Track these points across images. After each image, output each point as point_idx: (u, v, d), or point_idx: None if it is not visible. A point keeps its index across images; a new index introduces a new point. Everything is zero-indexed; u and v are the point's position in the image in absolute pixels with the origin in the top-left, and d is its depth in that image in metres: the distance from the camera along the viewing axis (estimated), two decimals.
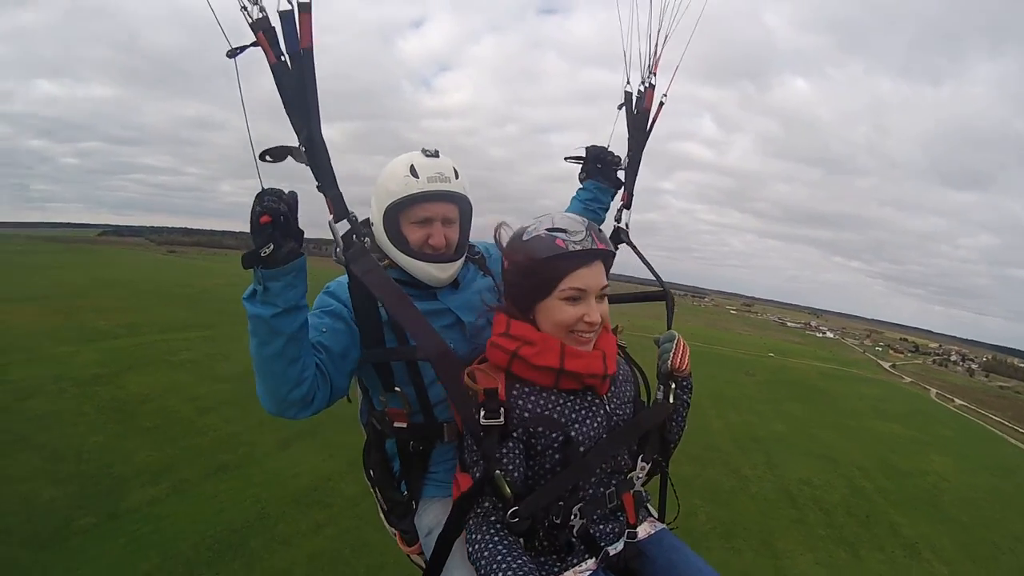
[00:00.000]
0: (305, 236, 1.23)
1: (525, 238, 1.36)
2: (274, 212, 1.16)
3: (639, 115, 1.97)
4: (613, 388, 1.45)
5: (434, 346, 1.27)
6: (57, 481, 5.99)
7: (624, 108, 1.99)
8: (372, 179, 1.50)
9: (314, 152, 1.20)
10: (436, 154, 1.55)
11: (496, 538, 1.28)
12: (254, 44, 1.13)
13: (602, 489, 1.40)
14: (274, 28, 1.13)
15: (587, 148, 2.08)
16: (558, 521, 1.34)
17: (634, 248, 1.94)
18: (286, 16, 1.13)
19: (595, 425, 1.38)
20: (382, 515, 1.71)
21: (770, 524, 6.73)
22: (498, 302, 1.55)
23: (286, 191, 1.20)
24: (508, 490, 1.27)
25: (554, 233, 1.33)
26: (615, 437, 1.39)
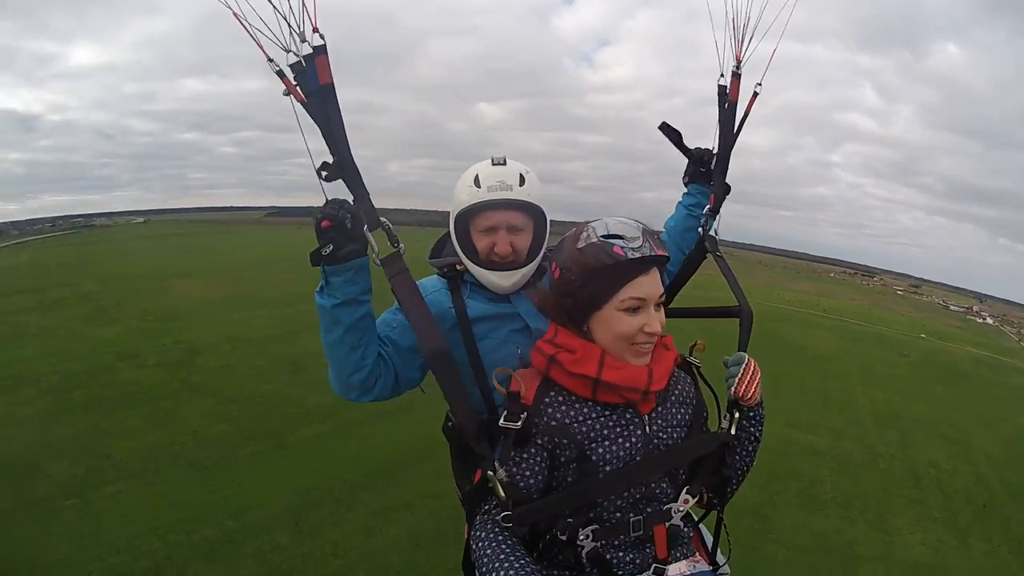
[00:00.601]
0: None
1: (579, 246, 1.28)
2: (333, 218, 1.28)
3: (728, 108, 1.81)
4: (660, 408, 1.35)
5: (430, 343, 1.30)
6: (228, 419, 6.69)
7: (718, 103, 1.83)
8: (540, 155, 1.94)
9: (346, 171, 1.32)
10: (503, 162, 1.59)
11: (500, 537, 1.24)
12: (287, 92, 1.28)
13: (631, 515, 1.30)
14: (302, 70, 1.28)
15: (691, 150, 1.96)
16: (563, 538, 1.28)
17: (718, 258, 1.79)
18: (308, 59, 1.27)
19: (627, 445, 1.29)
20: (460, 501, 1.71)
21: (889, 500, 6.66)
22: None
23: (350, 200, 1.32)
24: (502, 492, 1.24)
25: (611, 240, 1.26)
26: (648, 462, 1.29)
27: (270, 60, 1.25)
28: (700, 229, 1.80)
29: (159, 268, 21.68)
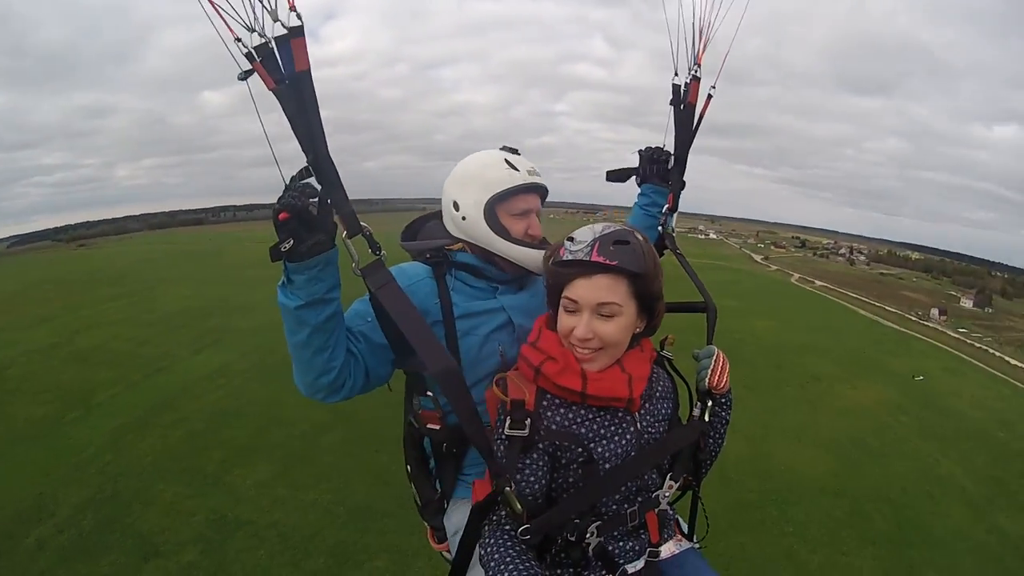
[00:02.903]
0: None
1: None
2: (292, 208, 1.16)
3: (685, 109, 1.84)
4: (647, 405, 1.39)
5: (440, 363, 1.24)
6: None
7: (672, 103, 1.87)
8: (275, 137, 1.34)
9: (322, 171, 1.18)
10: (519, 151, 1.63)
11: (508, 544, 1.26)
12: (251, 72, 1.12)
13: (626, 507, 1.35)
14: (272, 52, 1.12)
15: (640, 151, 1.99)
16: (572, 539, 1.31)
17: (679, 256, 1.85)
18: (280, 41, 1.12)
19: (623, 443, 1.32)
20: (417, 509, 1.74)
21: None
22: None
23: (312, 184, 1.19)
24: (519, 506, 1.23)
25: (566, 240, 1.31)
26: (643, 456, 1.34)
27: (238, 40, 1.09)
28: (659, 227, 1.87)
29: None
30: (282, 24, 1.10)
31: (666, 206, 1.87)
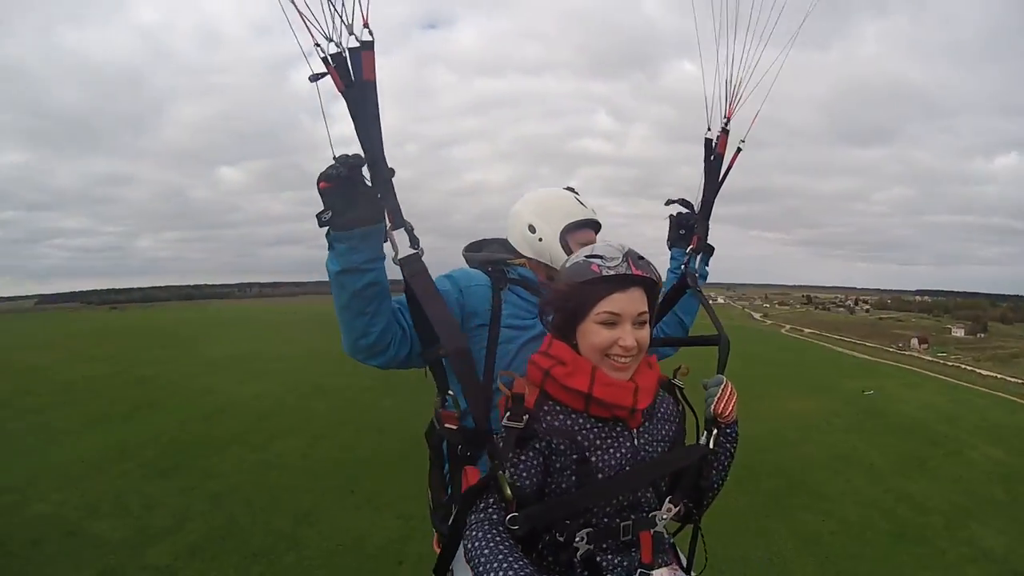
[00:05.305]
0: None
1: (567, 265, 1.42)
2: (329, 177, 1.24)
3: (714, 160, 1.95)
4: (647, 424, 1.43)
5: (454, 342, 1.31)
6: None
7: (704, 155, 1.97)
8: (282, 216, 3.32)
9: (376, 168, 1.28)
10: (577, 192, 1.90)
11: (498, 538, 1.24)
12: (325, 74, 1.23)
13: (618, 521, 1.36)
14: (345, 61, 1.24)
15: (671, 216, 2.14)
16: (560, 539, 1.32)
17: (698, 295, 1.92)
18: (353, 52, 1.24)
19: (618, 456, 1.35)
20: (430, 513, 1.70)
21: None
22: None
23: (351, 154, 1.26)
24: (509, 492, 1.26)
25: (591, 259, 1.36)
26: (637, 471, 1.36)
27: (316, 45, 1.21)
28: (683, 267, 1.96)
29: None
30: (356, 37, 1.22)
31: (690, 247, 1.97)
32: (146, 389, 14.44)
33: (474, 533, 1.26)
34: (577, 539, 1.33)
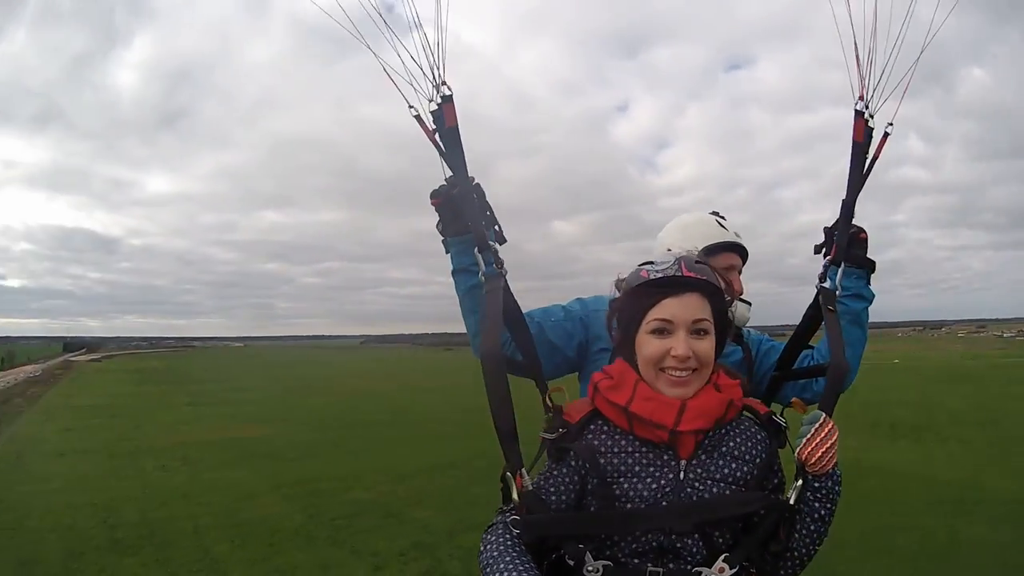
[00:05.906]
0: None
1: (622, 276, 1.33)
2: (436, 194, 1.43)
3: (855, 150, 1.53)
4: (703, 456, 1.20)
5: (488, 345, 1.26)
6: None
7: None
8: (621, 266, 1.37)
9: (464, 199, 1.40)
10: (724, 218, 1.91)
11: (509, 543, 1.15)
12: (419, 118, 1.39)
13: (648, 565, 1.16)
14: (435, 112, 1.39)
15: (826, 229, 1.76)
16: (571, 562, 1.17)
17: (828, 311, 1.52)
18: (440, 105, 1.38)
19: (655, 486, 1.17)
20: None
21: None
22: None
23: (474, 181, 1.40)
24: (515, 495, 1.19)
25: (643, 266, 1.28)
26: (673, 508, 1.15)
27: (410, 107, 1.38)
28: (819, 281, 1.59)
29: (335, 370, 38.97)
30: (440, 96, 1.38)
31: (828, 256, 1.60)
32: (472, 415, 13.27)
33: (487, 536, 1.21)
34: (589, 568, 1.16)
